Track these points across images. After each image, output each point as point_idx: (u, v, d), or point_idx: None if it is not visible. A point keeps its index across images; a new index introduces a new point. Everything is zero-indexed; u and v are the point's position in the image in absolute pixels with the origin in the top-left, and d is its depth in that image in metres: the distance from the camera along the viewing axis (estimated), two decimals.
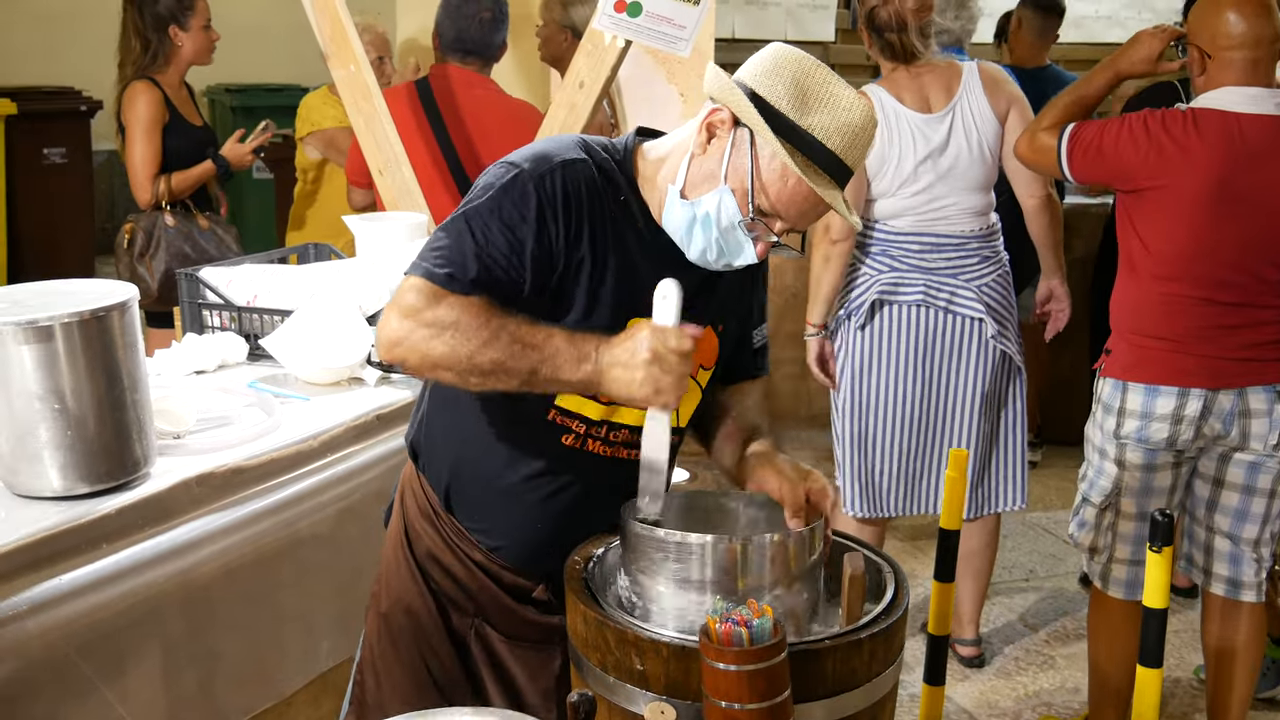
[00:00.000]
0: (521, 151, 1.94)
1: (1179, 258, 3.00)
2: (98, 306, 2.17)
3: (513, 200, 1.86)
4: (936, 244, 3.61)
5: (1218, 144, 2.93)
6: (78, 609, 2.13)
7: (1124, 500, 3.16)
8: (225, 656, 2.43)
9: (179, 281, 3.19)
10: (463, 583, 2.13)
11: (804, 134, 1.81)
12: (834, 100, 1.82)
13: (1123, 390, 3.10)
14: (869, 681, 1.83)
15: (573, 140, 1.98)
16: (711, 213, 1.87)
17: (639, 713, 1.79)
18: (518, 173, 1.88)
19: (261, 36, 7.65)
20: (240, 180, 6.39)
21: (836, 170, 1.84)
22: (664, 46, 3.23)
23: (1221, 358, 3.01)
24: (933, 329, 3.63)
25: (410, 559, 2.16)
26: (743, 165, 1.85)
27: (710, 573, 1.85)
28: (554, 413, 1.98)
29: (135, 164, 4.32)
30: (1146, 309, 3.08)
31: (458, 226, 1.88)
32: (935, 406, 3.70)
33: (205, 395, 2.73)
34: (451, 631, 2.15)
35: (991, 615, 4.29)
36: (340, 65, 3.73)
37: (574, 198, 1.88)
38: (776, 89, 1.82)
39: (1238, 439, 3.05)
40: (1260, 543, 3.16)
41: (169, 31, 4.31)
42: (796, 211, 1.87)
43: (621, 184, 1.95)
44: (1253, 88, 2.95)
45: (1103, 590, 3.27)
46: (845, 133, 1.82)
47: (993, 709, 3.71)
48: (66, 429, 2.17)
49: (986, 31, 5.73)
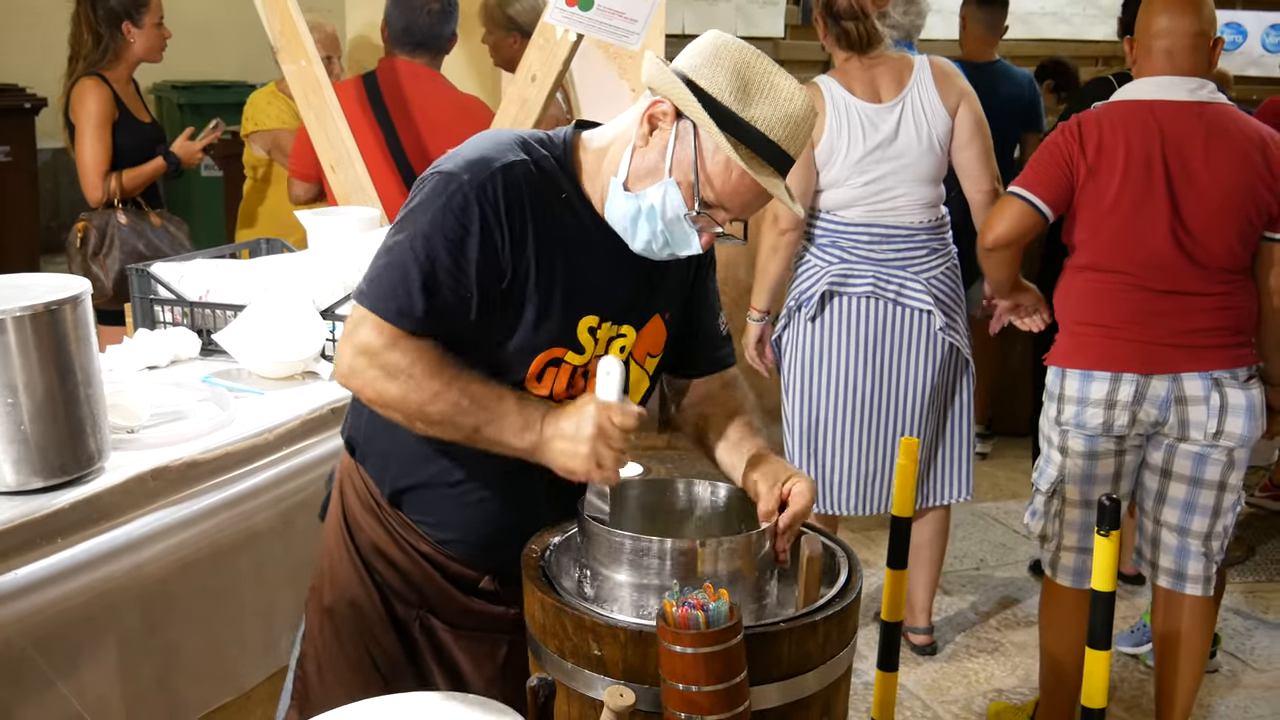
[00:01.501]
0: (459, 154, 1.92)
1: (1108, 246, 3.08)
2: (50, 300, 2.16)
3: (454, 214, 1.85)
4: (886, 235, 3.64)
5: (1137, 133, 3.02)
6: (32, 604, 2.12)
7: (1068, 487, 3.21)
8: (183, 651, 2.42)
9: (130, 277, 3.17)
10: (407, 574, 2.12)
11: (746, 126, 1.81)
12: (775, 90, 1.83)
13: (1062, 376, 3.19)
14: (824, 663, 1.85)
15: (510, 139, 1.95)
16: (656, 205, 1.87)
17: (597, 698, 1.81)
18: (457, 184, 1.86)
19: (209, 33, 7.60)
20: (189, 178, 6.34)
21: (779, 161, 1.85)
22: (615, 40, 3.24)
23: (1153, 343, 3.07)
24: (882, 321, 3.66)
25: (353, 551, 2.15)
26: (686, 158, 1.85)
27: (667, 571, 1.87)
28: None
29: (86, 161, 4.28)
30: (1082, 298, 3.16)
31: (402, 250, 1.86)
32: (885, 400, 3.72)
33: (159, 390, 2.72)
34: (396, 622, 2.14)
35: (943, 604, 4.34)
36: (291, 60, 3.72)
37: (516, 202, 1.87)
38: (718, 80, 1.81)
39: (1177, 427, 3.11)
40: (1211, 536, 3.20)
41: (122, 27, 4.27)
42: (740, 203, 1.88)
43: (562, 180, 1.95)
44: (1166, 76, 3.05)
45: (1052, 579, 3.32)
46: (787, 123, 1.83)
47: (944, 695, 3.76)
48: (19, 423, 2.16)
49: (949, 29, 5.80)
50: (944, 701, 3.73)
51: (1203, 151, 3.01)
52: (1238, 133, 3.04)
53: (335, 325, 2.98)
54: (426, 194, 1.89)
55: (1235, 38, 8.24)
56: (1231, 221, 3.03)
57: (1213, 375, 3.07)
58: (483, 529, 2.07)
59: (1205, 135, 3.01)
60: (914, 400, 3.72)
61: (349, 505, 2.16)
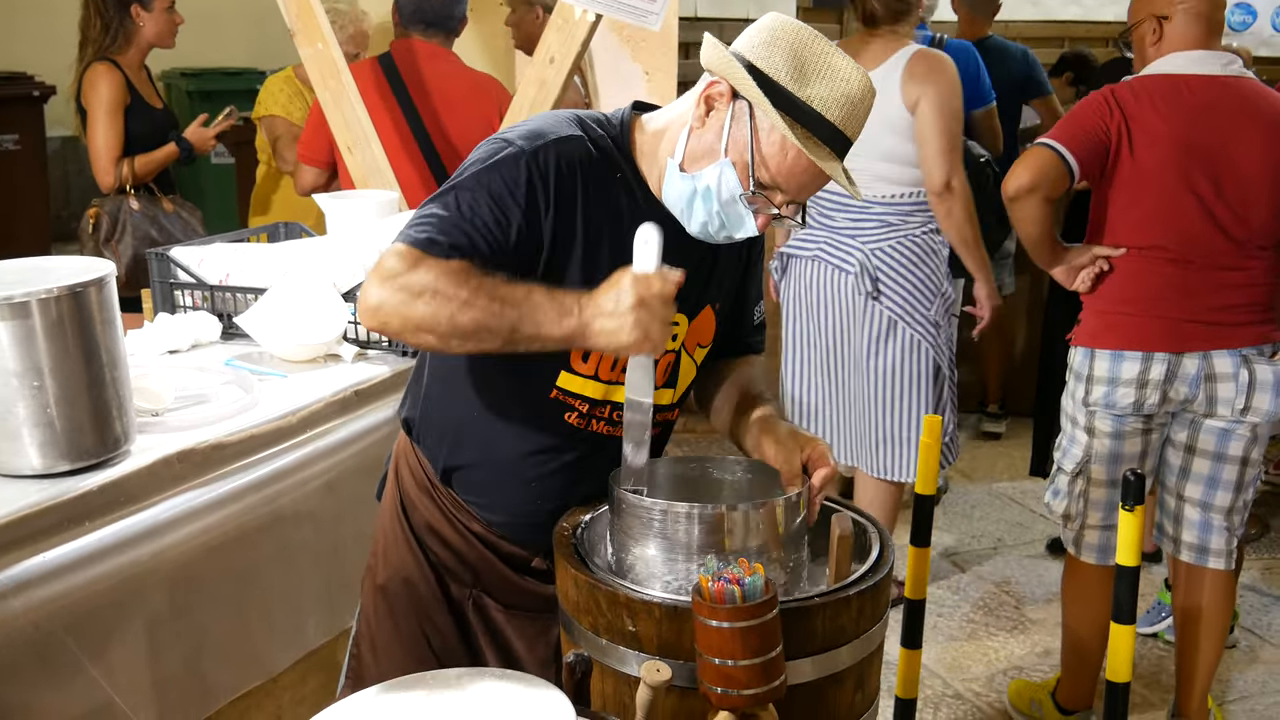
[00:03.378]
0: (516, 128, 1.93)
1: (1143, 222, 3.05)
2: (75, 282, 2.15)
3: (503, 175, 1.84)
4: (841, 205, 3.78)
5: (1171, 108, 3.00)
6: (61, 587, 2.11)
7: (1094, 467, 3.20)
8: (210, 634, 2.42)
9: (149, 262, 3.17)
10: (461, 554, 2.13)
11: (803, 106, 1.80)
12: (832, 71, 1.81)
13: (1090, 357, 3.15)
14: (857, 638, 1.86)
15: (567, 116, 1.96)
16: (712, 186, 1.85)
17: (631, 674, 1.81)
18: (510, 148, 1.86)
19: (219, 20, 7.57)
20: (201, 165, 6.33)
21: (836, 141, 1.83)
22: (634, 20, 3.23)
23: (1185, 320, 3.05)
24: (824, 284, 3.83)
25: (408, 530, 2.15)
26: (742, 138, 1.83)
27: (697, 539, 1.87)
28: (556, 392, 1.98)
29: (98, 147, 4.27)
30: (1113, 276, 3.12)
31: (445, 199, 1.86)
32: (829, 358, 3.90)
33: (182, 373, 2.71)
34: (450, 602, 2.15)
35: (962, 582, 4.35)
36: (307, 43, 3.70)
37: (567, 176, 1.87)
38: (774, 61, 1.80)
39: (1205, 404, 3.10)
40: (1233, 510, 3.20)
41: (130, 11, 4.26)
42: (797, 184, 1.86)
43: (618, 159, 1.94)
44: (1197, 51, 3.03)
45: (1076, 556, 3.31)
46: (844, 104, 1.81)
47: (965, 673, 3.76)
48: (46, 406, 2.15)
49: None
50: (965, 679, 3.73)
51: (1238, 126, 2.99)
52: (1269, 107, 3.03)
53: (355, 308, 2.97)
54: (479, 155, 1.89)
55: (1245, 18, 8.21)
56: (1268, 195, 3.02)
57: (1242, 352, 3.06)
58: (532, 510, 2.06)
59: (1239, 110, 3.00)
60: (852, 363, 3.86)
61: (404, 485, 2.16)
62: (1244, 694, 3.69)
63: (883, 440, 3.89)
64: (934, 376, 3.83)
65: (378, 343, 2.98)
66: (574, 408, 1.99)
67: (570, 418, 2.00)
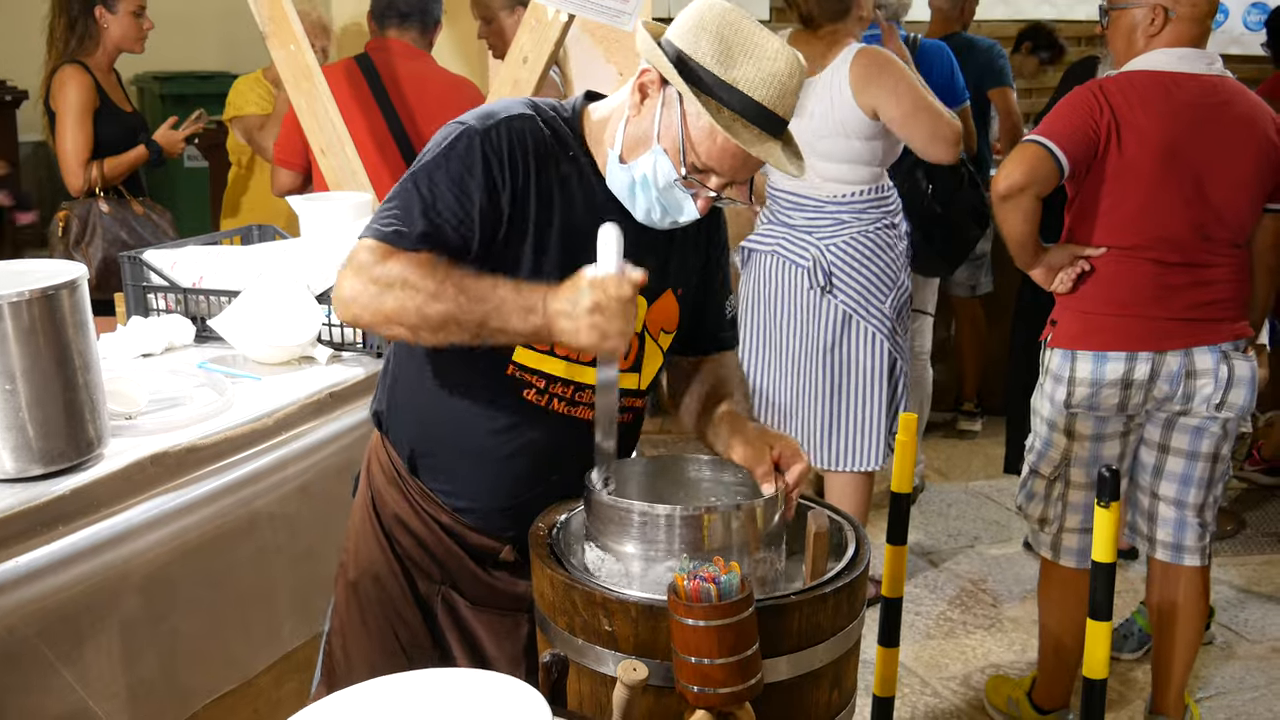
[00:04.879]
0: (469, 112, 1.97)
1: (1127, 221, 3.04)
2: (47, 285, 2.14)
3: (459, 156, 1.89)
4: (798, 203, 3.84)
5: (1159, 106, 2.99)
6: (35, 591, 2.10)
7: (1074, 470, 3.19)
8: (186, 637, 2.41)
9: (122, 265, 3.15)
10: (429, 547, 2.13)
11: (729, 88, 1.81)
12: (758, 51, 1.82)
13: (1071, 359, 3.11)
14: (833, 635, 1.86)
15: (520, 100, 2.01)
16: (648, 174, 1.89)
17: (607, 673, 1.81)
18: (463, 129, 1.91)
19: (190, 24, 7.52)
20: (172, 169, 6.30)
21: (766, 121, 1.85)
22: (607, 20, 3.22)
23: (1168, 319, 3.05)
24: (779, 278, 3.88)
25: (377, 525, 2.16)
26: (673, 125, 1.85)
27: (676, 540, 1.87)
28: (512, 368, 1.99)
29: (66, 150, 4.25)
30: (1093, 277, 3.11)
31: (405, 187, 1.91)
32: (784, 351, 3.94)
33: (156, 376, 2.70)
34: (418, 598, 2.16)
35: (938, 580, 4.35)
36: (280, 45, 3.69)
37: (519, 151, 1.91)
38: (700, 44, 1.82)
39: (1182, 400, 3.10)
40: (1205, 507, 3.22)
41: (94, 13, 4.24)
42: (730, 166, 1.88)
43: (571, 141, 1.98)
44: (1183, 48, 3.02)
45: (1053, 560, 3.30)
46: (771, 83, 1.82)
47: (942, 671, 3.77)
48: (18, 410, 2.14)
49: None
50: (942, 678, 3.74)
51: (1221, 126, 2.99)
52: (1248, 107, 3.04)
53: (330, 310, 2.96)
54: (434, 142, 1.94)
55: (1217, 17, 8.26)
56: (1247, 194, 3.04)
57: (1221, 348, 3.07)
58: (498, 494, 2.07)
59: (1223, 109, 3.00)
60: (806, 356, 3.90)
61: (375, 480, 2.18)
62: (1221, 690, 3.70)
63: (839, 431, 3.92)
64: (889, 369, 3.86)
65: (352, 345, 2.97)
66: (531, 384, 2.00)
67: (529, 395, 2.01)
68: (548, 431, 2.03)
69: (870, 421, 3.89)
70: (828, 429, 3.92)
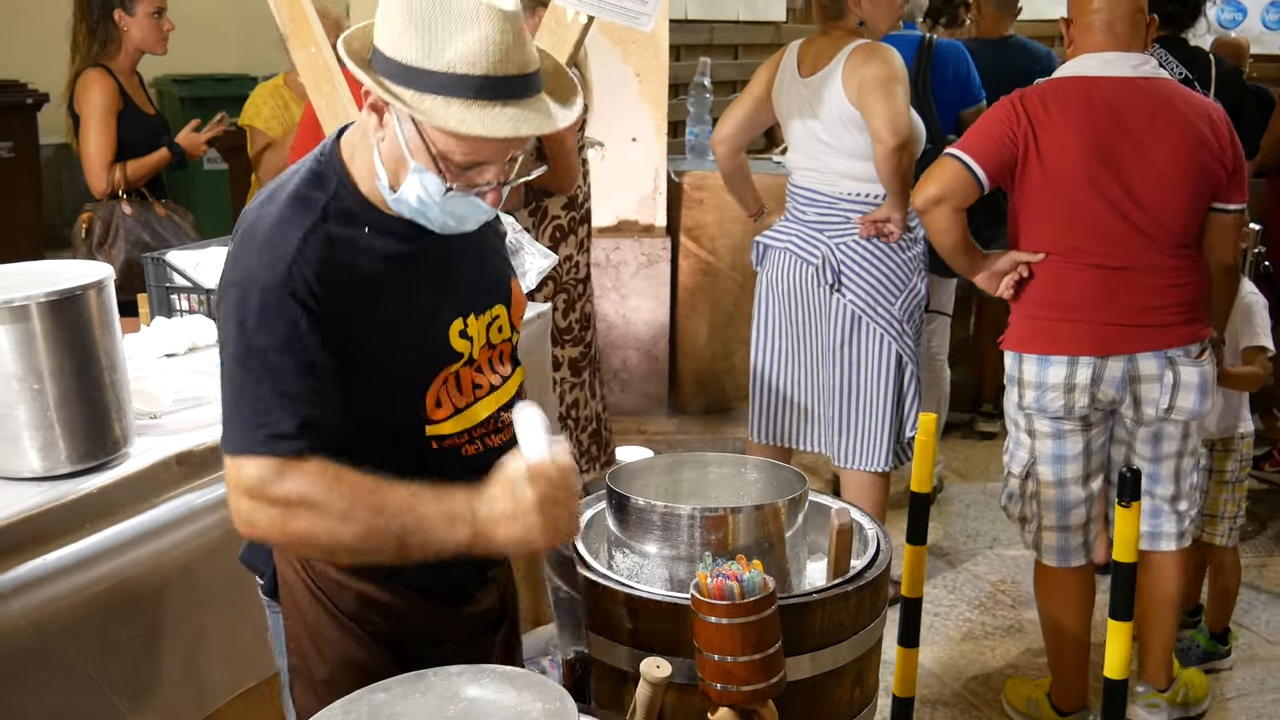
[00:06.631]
0: (241, 258, 1.73)
1: (1061, 225, 3.06)
2: (74, 286, 2.17)
3: (270, 318, 1.67)
4: (812, 199, 3.85)
5: (1077, 111, 3.01)
6: (62, 589, 2.12)
7: (1041, 469, 3.23)
8: (210, 634, 2.43)
9: (145, 266, 3.18)
10: (404, 615, 1.89)
11: (445, 76, 1.61)
12: (463, 21, 1.60)
13: (1019, 361, 3.18)
14: (856, 633, 1.87)
15: (288, 211, 1.74)
16: (421, 195, 1.71)
17: (629, 670, 1.82)
18: (257, 290, 1.68)
19: (209, 26, 7.57)
20: (193, 171, 6.33)
21: (499, 89, 1.63)
22: (626, 22, 3.23)
23: (1109, 324, 3.07)
24: (793, 275, 3.89)
25: (338, 615, 1.87)
26: (414, 137, 1.67)
27: (698, 539, 1.88)
28: (435, 444, 1.84)
29: (90, 152, 4.28)
30: (1035, 281, 3.14)
31: (243, 379, 1.69)
32: (796, 348, 3.97)
33: (179, 376, 2.72)
34: (406, 666, 1.76)
35: (957, 582, 4.35)
36: (300, 47, 3.70)
37: (325, 272, 1.70)
38: (402, 41, 1.62)
39: (1131, 405, 3.12)
40: (1179, 497, 3.25)
41: (114, 16, 4.27)
42: (490, 150, 1.67)
43: (355, 210, 1.77)
44: (1108, 52, 3.04)
45: (1039, 559, 3.34)
46: (487, 48, 1.60)
47: (961, 673, 3.77)
48: (45, 409, 2.17)
49: None
50: (961, 679, 3.74)
51: (1149, 126, 2.99)
52: (1183, 106, 3.03)
53: None
54: (231, 312, 1.71)
55: (1235, 15, 8.23)
56: (1182, 195, 3.03)
57: (1167, 354, 3.08)
58: (438, 576, 1.85)
59: (1150, 110, 3.00)
60: (817, 353, 3.92)
61: (317, 573, 1.86)
62: (1242, 691, 3.70)
63: (848, 429, 3.92)
64: (898, 372, 3.85)
65: None
66: (462, 444, 1.86)
67: (469, 450, 1.86)
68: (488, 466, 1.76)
69: (876, 423, 3.89)
70: (838, 426, 3.93)
